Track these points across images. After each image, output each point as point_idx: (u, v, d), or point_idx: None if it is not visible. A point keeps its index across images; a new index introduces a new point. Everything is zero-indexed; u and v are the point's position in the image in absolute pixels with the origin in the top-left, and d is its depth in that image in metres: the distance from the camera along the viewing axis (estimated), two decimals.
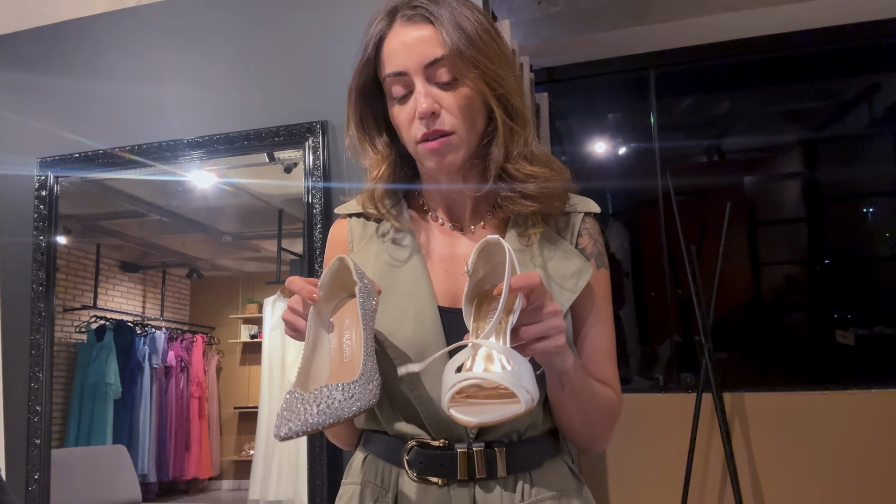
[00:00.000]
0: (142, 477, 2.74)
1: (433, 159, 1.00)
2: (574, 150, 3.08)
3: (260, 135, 2.16)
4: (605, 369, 1.05)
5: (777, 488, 2.37)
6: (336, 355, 0.90)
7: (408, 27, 0.99)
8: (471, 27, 0.97)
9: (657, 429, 2.48)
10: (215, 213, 2.78)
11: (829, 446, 2.35)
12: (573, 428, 1.01)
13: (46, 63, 2.52)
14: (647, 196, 2.91)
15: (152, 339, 2.92)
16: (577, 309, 1.05)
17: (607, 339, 1.07)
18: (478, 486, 0.95)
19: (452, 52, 0.96)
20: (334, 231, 1.16)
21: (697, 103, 3.16)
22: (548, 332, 0.85)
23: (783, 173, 3.09)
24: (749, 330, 2.96)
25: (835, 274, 2.90)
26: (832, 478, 2.33)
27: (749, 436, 2.41)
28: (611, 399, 1.04)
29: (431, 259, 1.06)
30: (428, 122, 0.97)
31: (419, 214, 1.12)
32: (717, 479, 2.41)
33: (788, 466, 2.37)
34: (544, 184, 1.01)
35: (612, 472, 2.49)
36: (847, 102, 2.99)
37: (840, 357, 2.73)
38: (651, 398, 2.55)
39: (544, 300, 0.86)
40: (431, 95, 0.97)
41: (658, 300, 2.89)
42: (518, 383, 0.78)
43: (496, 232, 1.07)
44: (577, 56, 2.60)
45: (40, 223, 2.39)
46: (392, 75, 1.00)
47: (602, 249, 1.09)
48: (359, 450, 1.07)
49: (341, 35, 2.18)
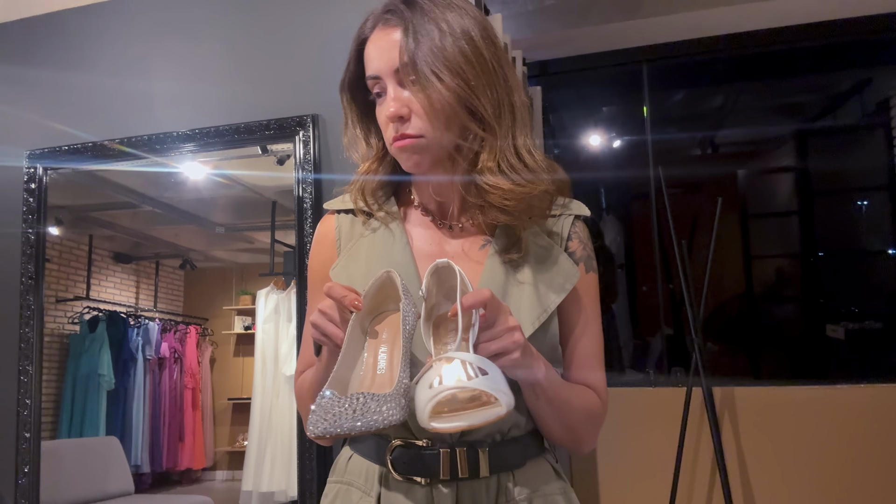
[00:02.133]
0: (135, 468, 2.75)
1: (402, 158, 1.02)
2: (567, 144, 3.08)
3: (251, 128, 2.16)
4: (592, 373, 1.06)
5: (766, 482, 2.39)
6: (370, 366, 0.90)
7: (383, 31, 1.00)
8: (447, 32, 0.96)
9: (647, 423, 2.49)
10: (208, 205, 2.78)
11: (819, 441, 2.36)
12: (553, 433, 1.02)
13: (36, 55, 2.50)
14: (640, 189, 2.91)
15: (146, 330, 2.92)
16: (565, 312, 1.05)
17: (595, 343, 1.07)
18: (461, 486, 0.95)
19: (410, 60, 0.96)
20: (321, 227, 1.16)
21: (690, 97, 3.15)
22: (506, 349, 0.85)
23: (776, 167, 3.10)
24: (740, 324, 2.97)
25: (826, 268, 2.91)
26: (821, 472, 2.34)
27: (738, 430, 2.43)
28: (593, 404, 1.04)
29: (420, 255, 1.06)
30: (397, 126, 0.99)
31: (408, 210, 1.12)
32: (706, 472, 2.43)
33: (777, 460, 2.38)
34: (510, 198, 0.98)
35: (602, 465, 2.51)
36: (839, 96, 2.99)
37: (830, 351, 2.74)
38: (641, 392, 2.56)
39: (499, 316, 0.86)
40: (400, 100, 0.98)
41: (649, 294, 2.90)
42: (496, 387, 0.78)
43: (485, 229, 1.07)
44: (569, 50, 2.59)
45: (29, 216, 2.38)
46: (371, 78, 1.02)
47: (591, 254, 1.09)
48: (344, 448, 1.08)
49: (332, 28, 2.17)
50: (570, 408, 1.00)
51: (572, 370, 1.05)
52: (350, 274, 1.05)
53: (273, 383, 2.53)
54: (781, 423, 2.39)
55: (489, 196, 0.99)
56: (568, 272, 1.03)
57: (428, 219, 1.10)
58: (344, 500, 1.01)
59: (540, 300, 1.00)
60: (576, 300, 1.05)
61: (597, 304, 1.09)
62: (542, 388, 0.94)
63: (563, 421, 1.00)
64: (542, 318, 0.99)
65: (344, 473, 1.04)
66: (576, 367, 1.05)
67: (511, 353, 0.85)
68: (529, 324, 0.97)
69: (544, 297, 1.00)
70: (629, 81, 2.89)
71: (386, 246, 1.07)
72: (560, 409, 0.98)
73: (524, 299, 1.00)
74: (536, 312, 0.99)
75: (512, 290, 1.00)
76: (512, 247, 1.03)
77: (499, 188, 0.98)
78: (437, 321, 0.93)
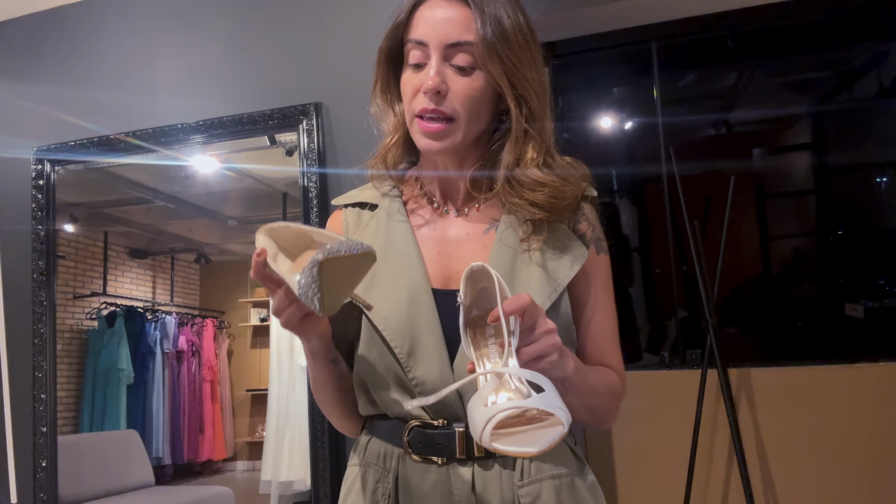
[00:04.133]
0: (157, 460, 2.78)
1: (423, 139, 1.01)
2: (577, 126, 3.04)
3: (254, 118, 2.16)
4: (609, 353, 1.08)
5: (784, 464, 2.36)
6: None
7: (445, 3, 0.99)
8: (508, 23, 0.97)
9: (663, 406, 2.47)
10: (220, 198, 2.79)
11: (837, 421, 2.32)
12: (579, 417, 1.03)
13: (40, 51, 2.52)
14: (652, 171, 2.88)
15: (163, 324, 2.95)
16: (578, 294, 1.06)
17: (609, 324, 1.08)
18: (477, 465, 0.97)
19: (480, 41, 0.96)
20: (330, 223, 1.18)
21: (702, 76, 3.10)
22: (545, 351, 0.86)
23: (791, 144, 3.04)
24: (757, 304, 2.93)
25: (844, 246, 2.86)
26: (840, 453, 2.31)
27: (755, 411, 2.40)
28: (614, 384, 1.06)
29: (425, 241, 1.07)
30: (432, 99, 0.98)
31: (414, 195, 1.13)
32: (723, 455, 2.40)
33: (795, 442, 2.35)
34: (553, 194, 1.00)
35: (618, 449, 2.49)
36: (855, 71, 2.93)
37: (849, 330, 2.70)
38: (657, 375, 2.53)
39: (538, 319, 0.87)
40: (442, 75, 0.98)
41: (664, 276, 2.87)
42: (553, 403, 0.78)
43: (492, 214, 1.08)
44: (578, 30, 2.54)
45: (39, 212, 2.40)
46: (413, 42, 1.00)
47: (601, 235, 1.09)
48: (363, 433, 1.09)
49: (334, 16, 2.16)
50: (595, 392, 1.01)
51: (590, 351, 1.07)
52: None
53: (289, 374, 2.55)
54: (799, 403, 2.36)
55: (531, 193, 1.00)
56: (576, 252, 1.03)
57: (433, 205, 1.11)
58: (363, 481, 1.03)
59: (549, 280, 1.00)
60: (587, 281, 1.06)
61: (609, 285, 1.09)
62: (571, 382, 0.95)
63: (588, 405, 1.01)
64: (552, 296, 0.99)
65: (363, 455, 1.06)
66: (594, 347, 1.07)
67: (550, 356, 0.86)
68: (542, 302, 0.98)
69: (554, 275, 1.01)
70: (638, 61, 2.85)
71: (389, 232, 1.08)
72: (586, 395, 0.99)
73: (533, 280, 1.00)
74: (547, 292, 0.99)
75: (520, 271, 1.01)
76: (518, 229, 1.03)
77: (542, 184, 1.00)
78: (472, 326, 0.93)
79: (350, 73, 2.05)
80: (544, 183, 1.00)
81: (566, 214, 1.05)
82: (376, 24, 2.10)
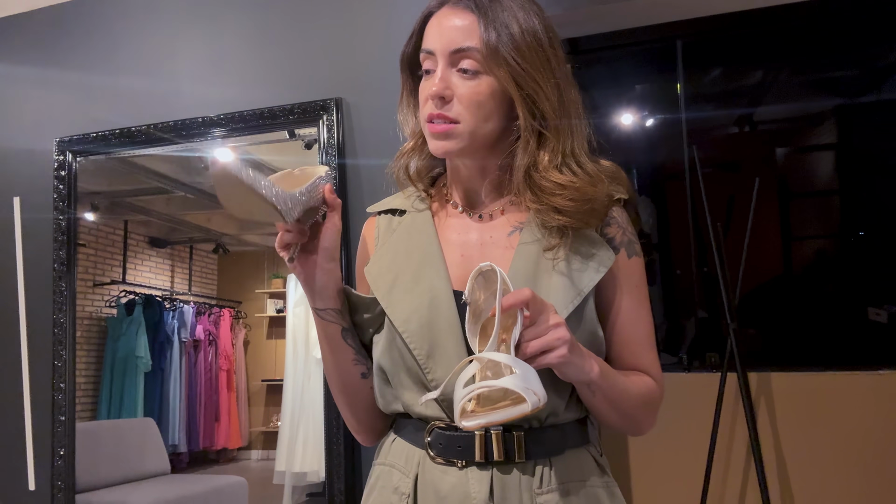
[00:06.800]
0: (173, 447, 2.81)
1: (432, 141, 1.03)
2: (599, 123, 3.01)
3: (274, 113, 2.16)
4: (644, 357, 1.06)
5: (803, 471, 2.33)
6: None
7: (451, 12, 1.01)
8: (517, 27, 0.98)
9: (681, 408, 2.44)
10: None
11: (859, 430, 2.29)
12: (612, 423, 1.03)
13: (63, 42, 2.53)
14: (674, 170, 2.85)
15: (181, 313, 2.97)
16: (606, 299, 1.05)
17: (644, 328, 1.07)
18: (496, 470, 0.97)
19: (484, 46, 0.97)
20: (364, 231, 1.20)
21: (726, 73, 3.06)
22: (550, 345, 0.86)
23: (816, 144, 3.00)
24: (778, 307, 2.89)
25: (869, 248, 2.81)
26: (861, 461, 2.28)
27: (775, 417, 2.37)
28: (649, 389, 1.05)
29: (448, 245, 1.08)
30: (437, 104, 1.00)
31: (439, 198, 1.15)
32: (741, 460, 2.38)
33: (815, 449, 2.32)
34: (573, 197, 0.98)
35: (634, 451, 2.47)
36: (883, 70, 2.88)
37: (873, 336, 2.66)
38: (675, 377, 2.51)
39: (542, 314, 0.87)
40: (446, 80, 1.00)
41: (684, 278, 2.84)
42: (524, 385, 0.81)
43: (517, 218, 1.07)
44: (601, 26, 2.51)
45: (60, 203, 2.42)
46: (424, 51, 1.03)
47: (632, 238, 1.08)
48: (390, 432, 1.11)
49: (355, 12, 2.15)
50: (627, 397, 1.01)
51: (624, 356, 1.06)
52: (379, 267, 1.08)
53: (304, 366, 2.56)
54: (820, 409, 2.33)
55: (551, 198, 0.99)
56: (601, 258, 1.02)
57: (457, 209, 1.11)
58: (385, 481, 1.05)
59: (573, 284, 0.99)
60: (617, 285, 1.05)
61: (643, 288, 1.08)
62: (597, 386, 0.95)
63: (621, 410, 1.01)
64: (575, 301, 0.98)
65: (387, 456, 1.07)
66: (628, 352, 1.06)
67: (557, 350, 0.87)
68: (563, 308, 0.97)
69: (577, 281, 1.00)
70: (663, 58, 2.82)
71: (413, 236, 1.09)
72: (618, 400, 0.99)
73: (556, 284, 0.99)
74: (570, 296, 0.98)
75: (543, 275, 1.00)
76: (543, 235, 1.03)
77: (562, 186, 0.98)
78: (485, 323, 0.94)
79: (371, 69, 2.04)
80: (563, 185, 0.98)
81: (593, 220, 1.03)
82: (398, 21, 2.11)
